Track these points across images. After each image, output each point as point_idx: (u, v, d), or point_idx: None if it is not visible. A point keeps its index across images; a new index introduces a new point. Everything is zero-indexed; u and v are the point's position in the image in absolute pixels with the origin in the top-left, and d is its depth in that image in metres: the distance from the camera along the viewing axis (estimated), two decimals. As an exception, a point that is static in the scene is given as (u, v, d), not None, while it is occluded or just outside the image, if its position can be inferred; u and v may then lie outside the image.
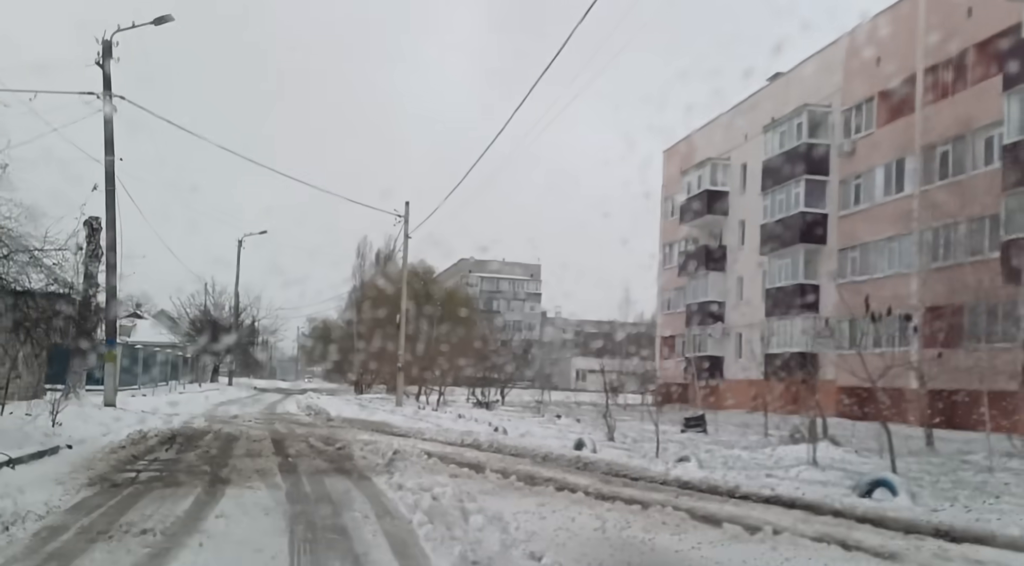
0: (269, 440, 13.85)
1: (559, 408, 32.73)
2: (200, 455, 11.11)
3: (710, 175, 37.78)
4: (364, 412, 24.38)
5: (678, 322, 41.70)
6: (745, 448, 16.65)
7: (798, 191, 30.97)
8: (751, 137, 35.77)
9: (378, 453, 11.40)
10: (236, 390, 40.83)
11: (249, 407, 26.48)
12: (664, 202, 44.20)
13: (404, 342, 29.91)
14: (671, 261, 43.42)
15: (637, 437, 18.07)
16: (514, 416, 25.85)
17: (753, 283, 35.46)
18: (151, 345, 39.82)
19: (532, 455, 12.17)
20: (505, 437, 14.89)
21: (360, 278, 71.90)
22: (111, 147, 20.34)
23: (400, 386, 29.77)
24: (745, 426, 25.25)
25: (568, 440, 15.79)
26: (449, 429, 16.30)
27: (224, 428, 16.34)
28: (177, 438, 13.92)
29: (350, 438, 14.38)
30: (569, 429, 19.58)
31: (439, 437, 14.64)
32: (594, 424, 24.28)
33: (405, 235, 29.55)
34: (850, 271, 29.48)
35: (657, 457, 13.21)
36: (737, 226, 37.09)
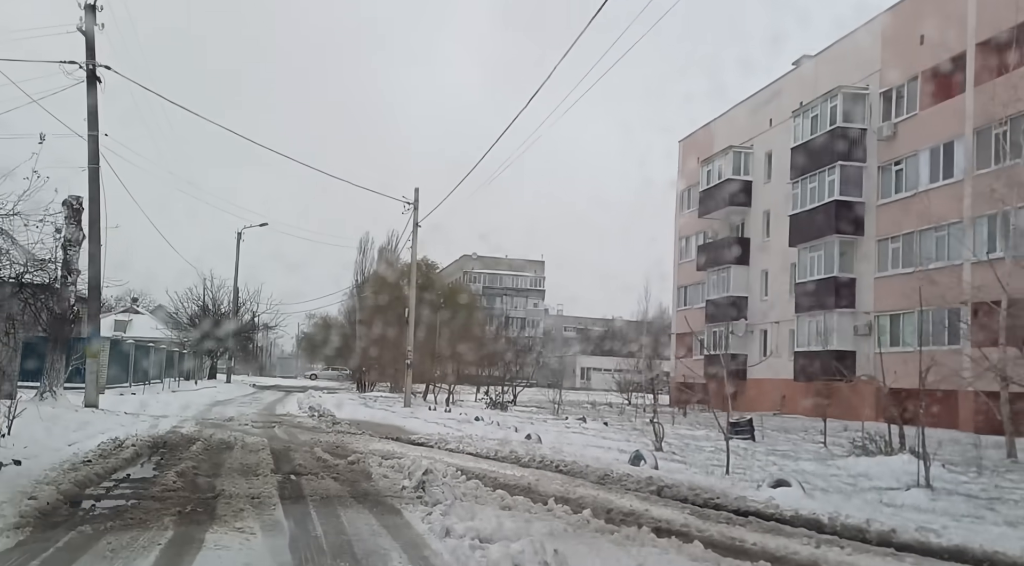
0: (268, 450, 11.56)
1: (573, 408, 30.39)
2: (182, 473, 8.82)
3: (732, 164, 35.50)
4: (371, 413, 22.11)
5: (696, 319, 39.37)
6: (810, 459, 14.42)
7: (832, 178, 28.70)
8: (777, 123, 33.52)
9: (401, 470, 9.13)
10: (234, 388, 38.49)
11: (247, 407, 24.18)
12: (680, 194, 41.92)
13: (413, 338, 27.60)
14: (687, 255, 41.16)
15: (682, 445, 15.86)
16: (533, 418, 23.60)
17: (780, 277, 33.21)
18: (145, 340, 37.47)
19: (586, 473, 9.89)
20: (541, 447, 12.62)
21: (361, 274, 69.79)
22: (95, 120, 18.06)
23: (408, 385, 27.49)
24: (784, 431, 22.98)
25: (614, 450, 13.55)
26: (473, 436, 14.01)
27: (216, 434, 14.05)
28: (159, 448, 11.63)
29: (363, 448, 12.10)
30: (603, 435, 17.33)
31: (466, 447, 12.35)
32: (621, 426, 22.05)
33: (414, 223, 27.24)
34: (891, 263, 27.23)
35: (728, 474, 10.97)
36: (761, 217, 34.83)
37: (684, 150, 41.51)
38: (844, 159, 28.38)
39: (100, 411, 16.75)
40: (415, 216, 27.29)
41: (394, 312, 43.20)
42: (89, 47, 18.08)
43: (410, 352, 27.28)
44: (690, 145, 40.63)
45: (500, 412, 26.37)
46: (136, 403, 21.26)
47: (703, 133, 39.01)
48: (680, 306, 42.02)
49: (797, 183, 30.61)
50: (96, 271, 17.84)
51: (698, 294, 39.62)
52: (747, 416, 18.95)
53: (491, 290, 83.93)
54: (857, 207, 28.39)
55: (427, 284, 53.79)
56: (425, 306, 44.35)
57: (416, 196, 27.54)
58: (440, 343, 33.90)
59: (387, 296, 48.89)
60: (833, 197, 28.62)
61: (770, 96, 33.82)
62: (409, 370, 27.37)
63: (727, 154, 35.59)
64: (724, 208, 35.97)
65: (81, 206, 17.10)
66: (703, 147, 38.48)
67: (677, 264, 42.15)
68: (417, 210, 27.44)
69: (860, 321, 28.29)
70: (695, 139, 39.96)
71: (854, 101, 28.62)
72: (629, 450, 14.27)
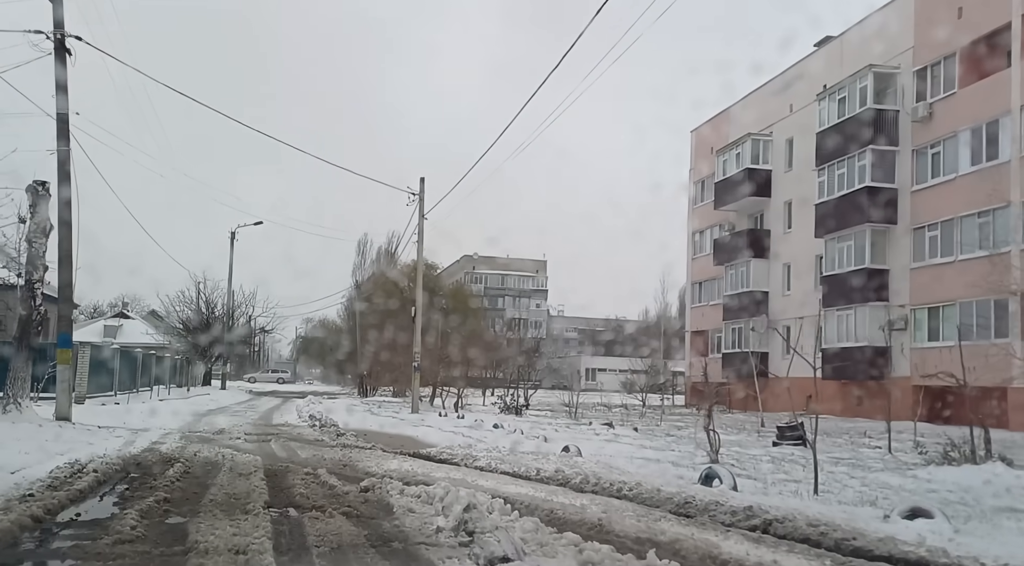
0: (261, 473, 9.46)
1: (590, 412, 28.27)
2: (147, 512, 6.75)
3: (750, 152, 33.52)
4: (378, 421, 20.00)
5: (712, 315, 37.42)
6: (883, 470, 12.43)
7: (863, 163, 26.71)
8: (798, 108, 31.55)
9: (431, 501, 7.08)
10: (229, 395, 36.32)
11: (241, 416, 22.05)
12: (693, 186, 39.94)
13: (420, 339, 25.49)
14: (702, 249, 39.17)
15: (731, 454, 13.83)
16: (553, 423, 21.53)
17: (804, 270, 31.20)
18: (132, 346, 35.31)
19: (658, 499, 7.82)
20: (585, 462, 10.55)
21: (360, 276, 67.69)
22: (64, 96, 15.96)
23: (416, 389, 25.37)
24: (825, 433, 20.89)
25: (667, 463, 11.52)
26: (500, 449, 11.94)
27: (202, 451, 11.95)
28: (129, 472, 9.53)
29: (376, 467, 10.02)
30: (643, 444, 15.28)
31: (499, 464, 10.24)
32: (653, 432, 19.98)
33: (420, 214, 25.19)
34: (928, 252, 25.26)
35: (816, 494, 8.96)
36: (782, 208, 32.84)
37: (697, 140, 39.52)
38: (875, 143, 26.42)
39: (71, 425, 14.64)
40: (420, 207, 25.24)
41: (396, 314, 41.21)
42: (57, 16, 16.01)
43: (418, 354, 25.19)
44: (703, 135, 38.64)
45: (515, 417, 24.32)
46: (117, 414, 19.17)
47: (717, 122, 37.02)
48: (694, 303, 40.01)
49: (823, 170, 28.63)
50: (68, 266, 15.73)
51: (714, 290, 37.63)
52: (798, 420, 16.89)
53: (493, 291, 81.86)
54: (890, 194, 26.42)
55: (429, 285, 51.80)
56: (429, 308, 42.34)
57: (421, 187, 25.50)
58: (447, 345, 31.83)
59: (389, 297, 46.97)
60: (864, 183, 26.64)
61: (790, 81, 31.85)
62: (417, 373, 25.28)
63: (745, 143, 33.61)
64: (742, 199, 33.99)
65: (47, 192, 14.99)
66: (717, 137, 36.49)
67: (691, 259, 40.14)
68: (423, 201, 25.38)
69: (894, 315, 26.29)
70: (708, 129, 37.96)
71: (885, 81, 26.67)
72: (680, 462, 12.25)
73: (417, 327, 25.50)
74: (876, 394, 26.64)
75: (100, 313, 66.11)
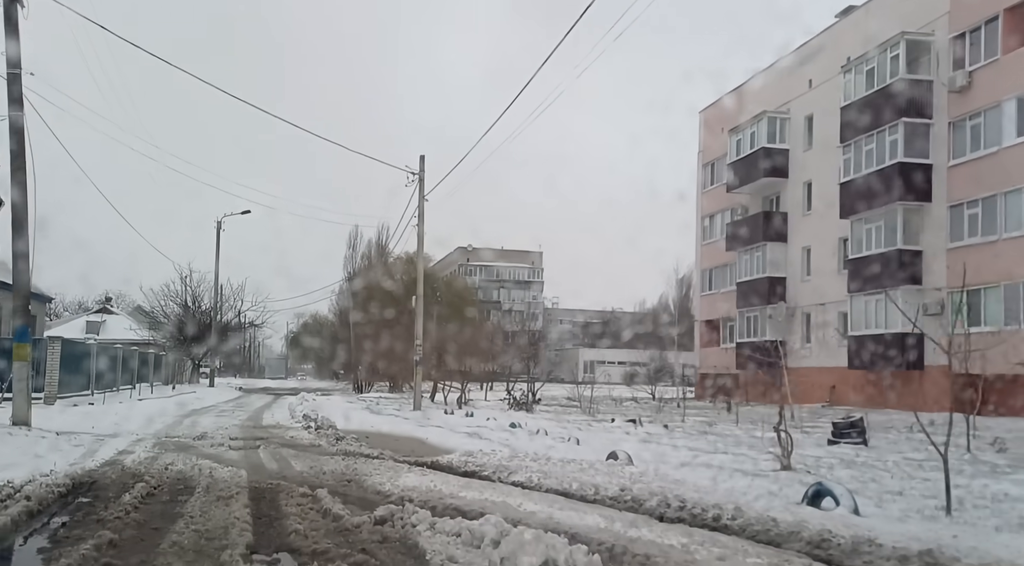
0: (245, 497, 7.40)
1: (600, 405, 26.18)
2: (81, 562, 4.70)
3: (766, 131, 31.55)
4: (380, 422, 17.95)
5: (724, 303, 35.50)
6: (974, 474, 10.50)
7: (894, 138, 24.76)
8: (819, 83, 29.59)
9: (476, 544, 5.06)
10: (217, 392, 34.15)
11: (228, 417, 19.93)
12: (703, 169, 37.95)
13: (423, 329, 23.39)
14: (712, 234, 37.22)
15: (796, 459, 11.82)
16: (571, 421, 19.55)
17: (826, 253, 29.27)
18: (112, 342, 33.11)
19: (779, 536, 5.80)
20: (643, 474, 8.54)
21: (351, 269, 65.52)
22: (16, 52, 13.80)
23: (418, 385, 23.29)
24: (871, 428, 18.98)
25: (741, 473, 9.53)
26: (536, 457, 9.90)
27: (176, 463, 9.87)
28: (76, 497, 7.47)
29: (390, 485, 7.96)
30: (688, 446, 13.30)
31: (543, 480, 8.16)
32: (684, 430, 18.00)
33: (420, 195, 23.09)
34: (967, 232, 23.36)
35: (949, 515, 6.98)
36: (801, 188, 30.90)
37: (706, 121, 37.51)
38: (907, 116, 24.48)
39: (25, 432, 12.52)
40: (420, 188, 23.12)
41: (392, 306, 39.25)
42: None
43: (420, 346, 23.10)
44: (713, 115, 36.63)
45: (526, 413, 22.33)
46: (88, 416, 17.04)
47: (729, 101, 35.01)
48: (705, 290, 38.05)
49: (849, 146, 26.68)
50: (22, 249, 13.58)
51: (726, 276, 35.70)
52: (856, 414, 14.95)
53: (488, 283, 79.81)
54: (924, 170, 24.50)
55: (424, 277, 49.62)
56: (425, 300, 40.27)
57: (422, 165, 23.39)
58: (449, 337, 29.83)
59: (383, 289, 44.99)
60: (895, 159, 24.70)
61: (809, 54, 29.87)
62: (419, 367, 23.20)
63: (760, 121, 31.63)
64: (757, 180, 32.04)
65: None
66: (729, 116, 34.48)
67: (700, 245, 38.17)
68: (423, 182, 23.27)
69: (929, 299, 24.40)
70: (719, 108, 35.94)
71: (918, 50, 24.73)
72: (748, 468, 10.27)
73: (418, 317, 23.42)
74: (907, 384, 24.81)
75: (86, 309, 63.70)
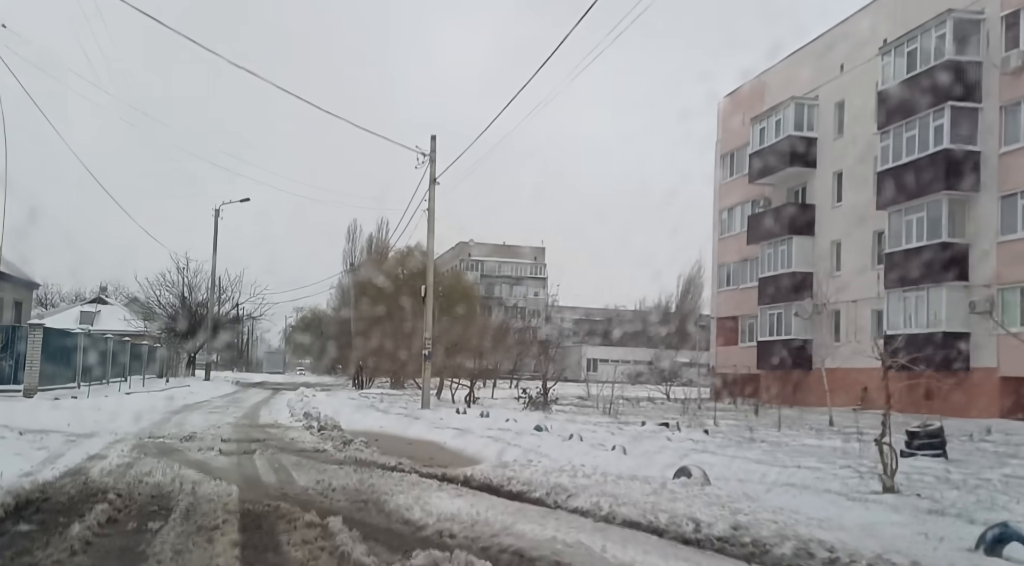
0: (235, 525, 5.63)
1: (614, 405, 24.28)
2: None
3: (793, 118, 29.77)
4: (388, 422, 16.16)
5: (743, 300, 33.75)
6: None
7: (939, 123, 22.99)
8: (851, 67, 27.82)
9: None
10: (212, 386, 32.34)
11: (221, 414, 18.12)
12: (721, 160, 36.17)
13: (432, 322, 21.59)
14: (731, 228, 35.44)
15: (898, 476, 10.03)
16: (594, 423, 17.80)
17: (858, 247, 27.50)
18: (102, 333, 31.30)
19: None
20: (729, 497, 6.79)
21: (351, 263, 63.77)
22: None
23: (427, 381, 21.49)
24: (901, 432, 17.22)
25: (837, 496, 7.78)
26: (588, 471, 8.11)
27: (154, 474, 8.09)
28: (9, 527, 5.69)
29: (419, 511, 6.19)
30: (743, 455, 11.55)
31: (617, 507, 6.37)
32: (726, 435, 16.26)
33: (431, 178, 21.26)
34: (1021, 223, 21.62)
35: None
36: (830, 179, 29.13)
37: (727, 108, 35.70)
38: (954, 99, 22.72)
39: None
40: (432, 169, 21.31)
41: (395, 300, 37.57)
42: None
43: (428, 340, 21.30)
44: (735, 102, 34.84)
45: (542, 413, 20.59)
46: (67, 412, 15.23)
47: (752, 87, 33.22)
48: (721, 287, 36.28)
49: (888, 133, 24.90)
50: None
51: (745, 272, 33.95)
52: (934, 422, 13.20)
53: (489, 278, 78.03)
54: (971, 157, 22.75)
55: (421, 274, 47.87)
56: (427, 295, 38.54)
57: (433, 145, 21.58)
58: (457, 333, 28.09)
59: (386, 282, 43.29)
60: (940, 146, 22.94)
61: (840, 38, 28.12)
62: (428, 362, 21.39)
63: (787, 107, 29.84)
64: (782, 170, 30.27)
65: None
66: (752, 103, 32.72)
67: (718, 239, 36.40)
68: (434, 163, 21.46)
69: (977, 296, 22.67)
70: (741, 95, 34.16)
71: (966, 29, 22.96)
72: (835, 488, 8.53)
73: (428, 308, 21.62)
74: (951, 386, 23.09)
75: (83, 300, 61.90)
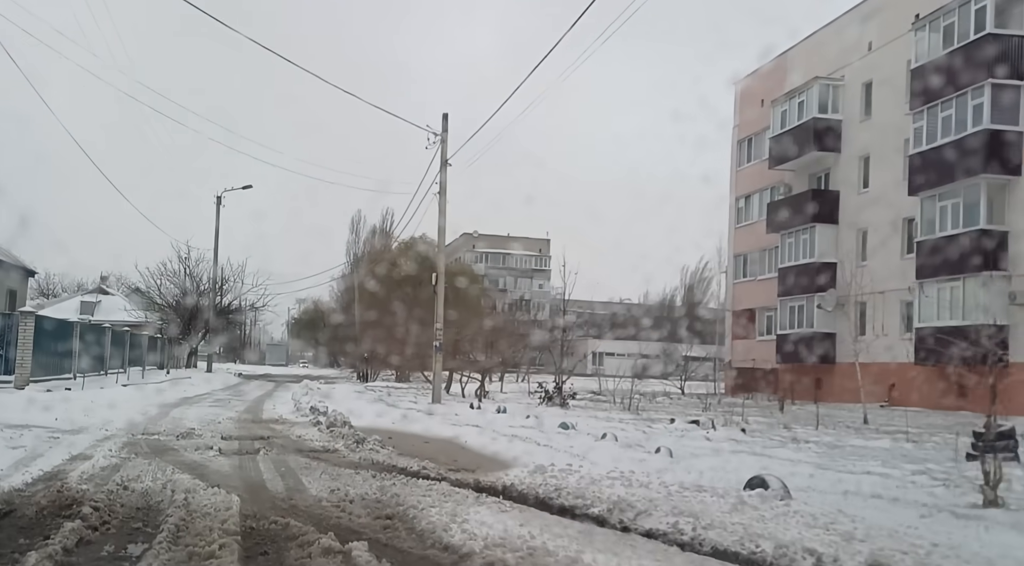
0: (235, 550, 4.49)
1: (619, 400, 22.99)
2: None
3: (817, 99, 28.51)
4: (400, 418, 15.02)
5: (762, 292, 32.56)
6: None
7: (979, 102, 21.76)
8: (879, 46, 26.55)
9: None
10: (214, 378, 31.24)
11: (222, 408, 16.98)
12: (738, 146, 34.93)
13: (443, 312, 20.43)
14: (748, 216, 34.24)
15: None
16: (618, 420, 16.67)
17: (886, 235, 26.27)
18: (100, 322, 30.19)
19: None
20: (828, 518, 5.63)
21: (355, 254, 62.67)
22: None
23: (438, 375, 20.35)
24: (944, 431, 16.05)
25: (958, 517, 6.63)
26: (639, 480, 6.96)
27: (142, 478, 6.96)
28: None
29: (459, 531, 5.04)
30: (796, 457, 10.40)
31: (705, 531, 5.20)
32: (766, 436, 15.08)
33: (442, 159, 20.06)
34: (1067, 209, 20.42)
35: None
36: (856, 163, 27.90)
37: (743, 93, 34.46)
38: (995, 77, 21.48)
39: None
40: (443, 150, 20.11)
41: (400, 291, 36.50)
42: None
43: (440, 330, 20.14)
44: (751, 86, 33.59)
45: (560, 409, 19.48)
46: (57, 405, 14.08)
47: (771, 69, 31.93)
48: (738, 278, 35.08)
49: (921, 113, 23.67)
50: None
51: (763, 262, 32.77)
52: (1004, 422, 12.04)
53: (494, 270, 76.91)
54: (1013, 138, 21.54)
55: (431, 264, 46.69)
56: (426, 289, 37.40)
57: (444, 124, 20.37)
58: (466, 324, 26.99)
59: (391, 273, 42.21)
60: (980, 126, 21.72)
61: (868, 13, 26.85)
62: (439, 354, 20.23)
63: (811, 88, 28.58)
64: (805, 155, 29.02)
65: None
66: (771, 86, 31.44)
67: (733, 229, 35.19)
68: (445, 143, 20.27)
69: (1018, 286, 21.49)
70: (758, 78, 32.88)
71: (1008, 2, 21.71)
72: (919, 498, 7.38)
73: (439, 297, 20.45)
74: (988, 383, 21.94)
75: (84, 290, 60.87)
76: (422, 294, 39.27)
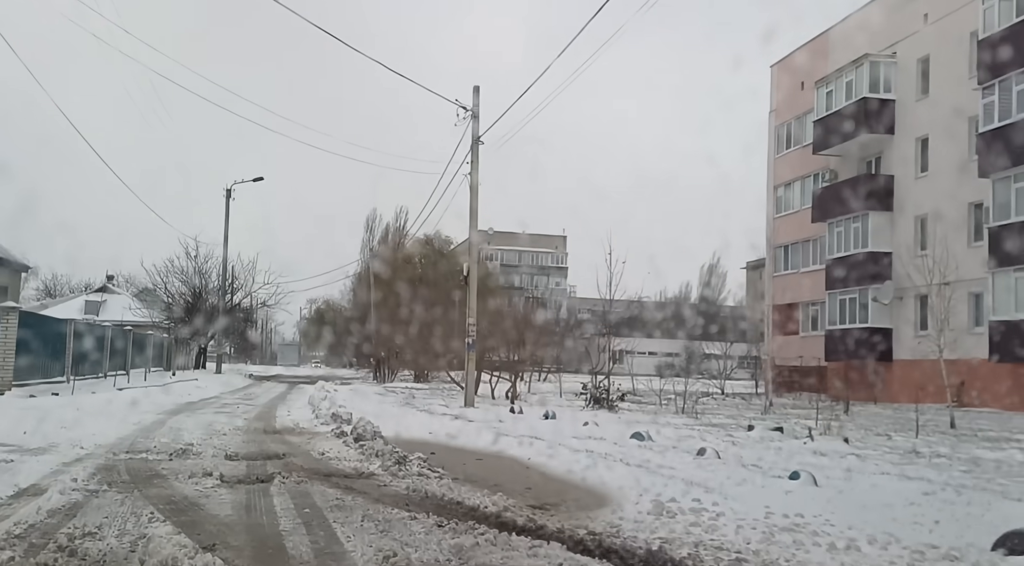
0: None
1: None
2: None
3: (867, 78, 26.04)
4: (437, 425, 12.66)
5: (803, 285, 30.12)
6: None
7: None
8: (937, 18, 24.10)
9: None
10: (223, 380, 28.92)
11: (229, 415, 14.61)
12: (775, 132, 32.48)
13: (475, 306, 18.06)
14: (788, 205, 31.80)
15: None
16: (682, 426, 14.29)
17: (950, 222, 23.75)
18: (105, 322, 27.95)
19: None
20: None
21: (371, 249, 60.53)
22: None
23: (470, 375, 17.98)
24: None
25: None
26: (810, 528, 4.58)
27: (100, 532, 4.61)
28: None
29: None
30: (946, 479, 8.00)
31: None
32: (879, 448, 12.66)
33: (474, 137, 17.72)
34: None
35: None
36: (913, 146, 25.43)
37: (780, 75, 32.02)
38: (1084, 43, 19.04)
39: None
40: (475, 127, 17.75)
41: (420, 288, 34.41)
42: None
43: (473, 326, 17.77)
44: (789, 68, 31.14)
45: (608, 412, 17.12)
46: (32, 415, 11.74)
47: (811, 49, 29.49)
48: (777, 271, 32.62)
49: (992, 87, 21.22)
50: None
51: (807, 254, 30.34)
52: None
53: (509, 268, 74.55)
54: (1105, 111, 19.08)
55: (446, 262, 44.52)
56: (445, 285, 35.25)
57: (476, 99, 18.02)
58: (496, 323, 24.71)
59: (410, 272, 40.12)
60: (1067, 98, 19.28)
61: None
62: (472, 353, 17.87)
63: (861, 66, 26.12)
64: (854, 138, 26.56)
65: None
66: (812, 66, 28.98)
67: (772, 219, 32.71)
68: (477, 119, 17.90)
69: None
70: (798, 59, 30.42)
71: (1098, -41, 19.26)
72: None
73: (472, 289, 18.09)
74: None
75: (90, 289, 58.79)
76: (441, 290, 37.14)
